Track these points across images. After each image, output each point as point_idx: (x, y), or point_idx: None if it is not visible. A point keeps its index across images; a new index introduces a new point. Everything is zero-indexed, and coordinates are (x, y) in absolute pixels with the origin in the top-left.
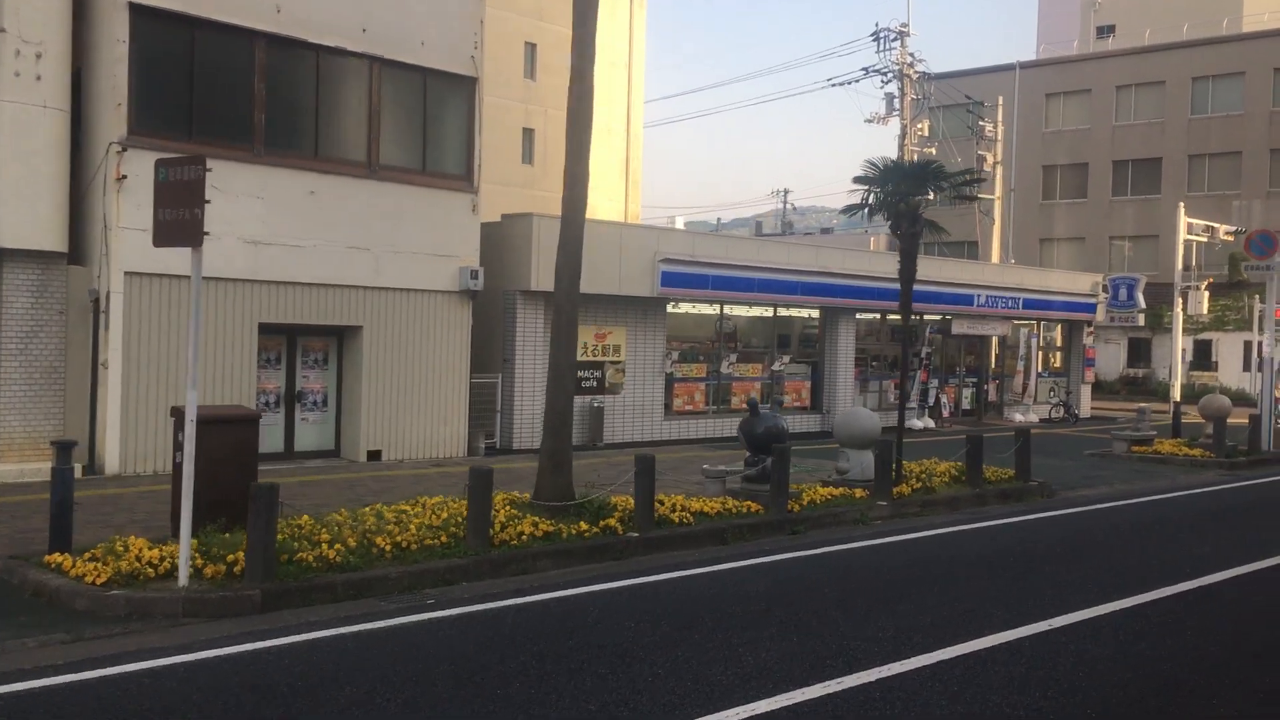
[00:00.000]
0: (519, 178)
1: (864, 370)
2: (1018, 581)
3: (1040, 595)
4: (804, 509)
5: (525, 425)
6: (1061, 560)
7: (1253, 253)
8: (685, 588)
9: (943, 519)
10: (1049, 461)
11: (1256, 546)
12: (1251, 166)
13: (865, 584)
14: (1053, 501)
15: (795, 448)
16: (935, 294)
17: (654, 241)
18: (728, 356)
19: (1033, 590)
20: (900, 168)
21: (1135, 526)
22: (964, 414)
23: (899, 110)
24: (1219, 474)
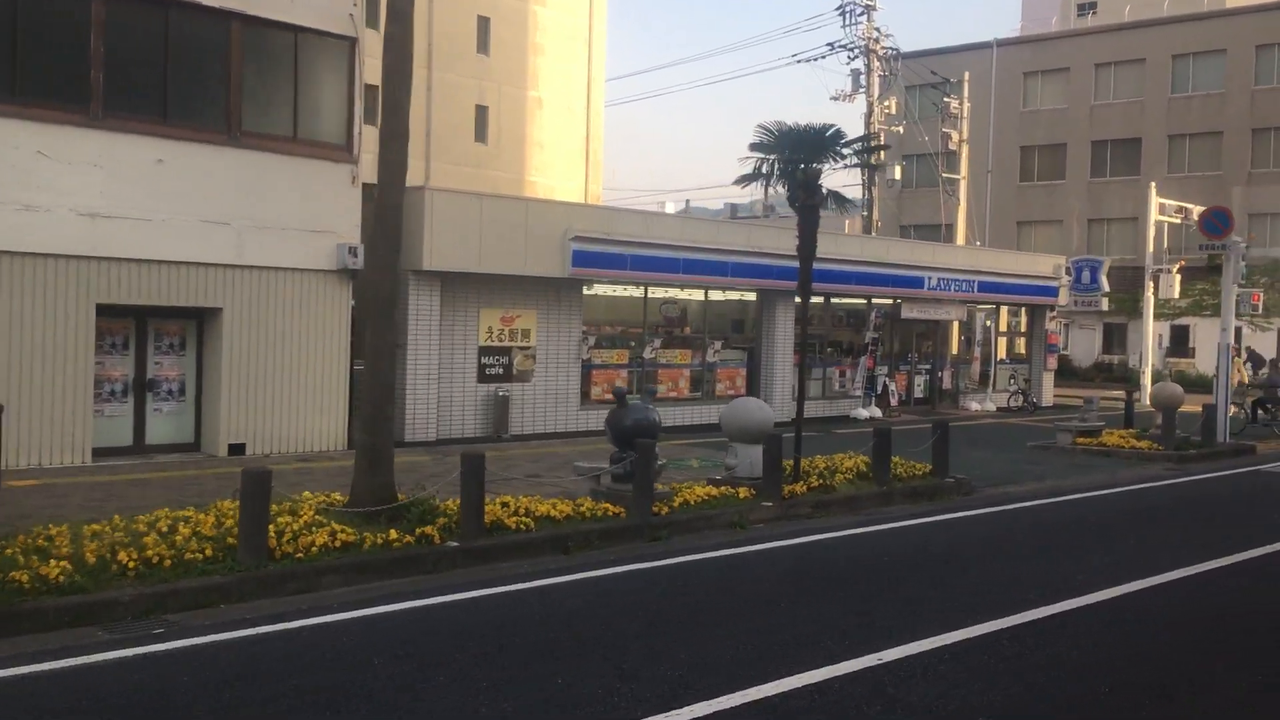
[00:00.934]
0: (472, 157)
1: (806, 356)
2: (868, 601)
3: (882, 623)
4: (673, 512)
5: (420, 415)
6: (936, 574)
7: (1206, 231)
8: (479, 610)
9: (835, 521)
10: (983, 455)
11: (1166, 556)
12: (1233, 147)
13: (692, 605)
14: (969, 500)
15: (703, 441)
16: (882, 276)
17: (565, 218)
18: (651, 342)
19: (880, 615)
20: (795, 132)
21: (1044, 530)
22: (917, 403)
23: (865, 87)
24: (1165, 468)
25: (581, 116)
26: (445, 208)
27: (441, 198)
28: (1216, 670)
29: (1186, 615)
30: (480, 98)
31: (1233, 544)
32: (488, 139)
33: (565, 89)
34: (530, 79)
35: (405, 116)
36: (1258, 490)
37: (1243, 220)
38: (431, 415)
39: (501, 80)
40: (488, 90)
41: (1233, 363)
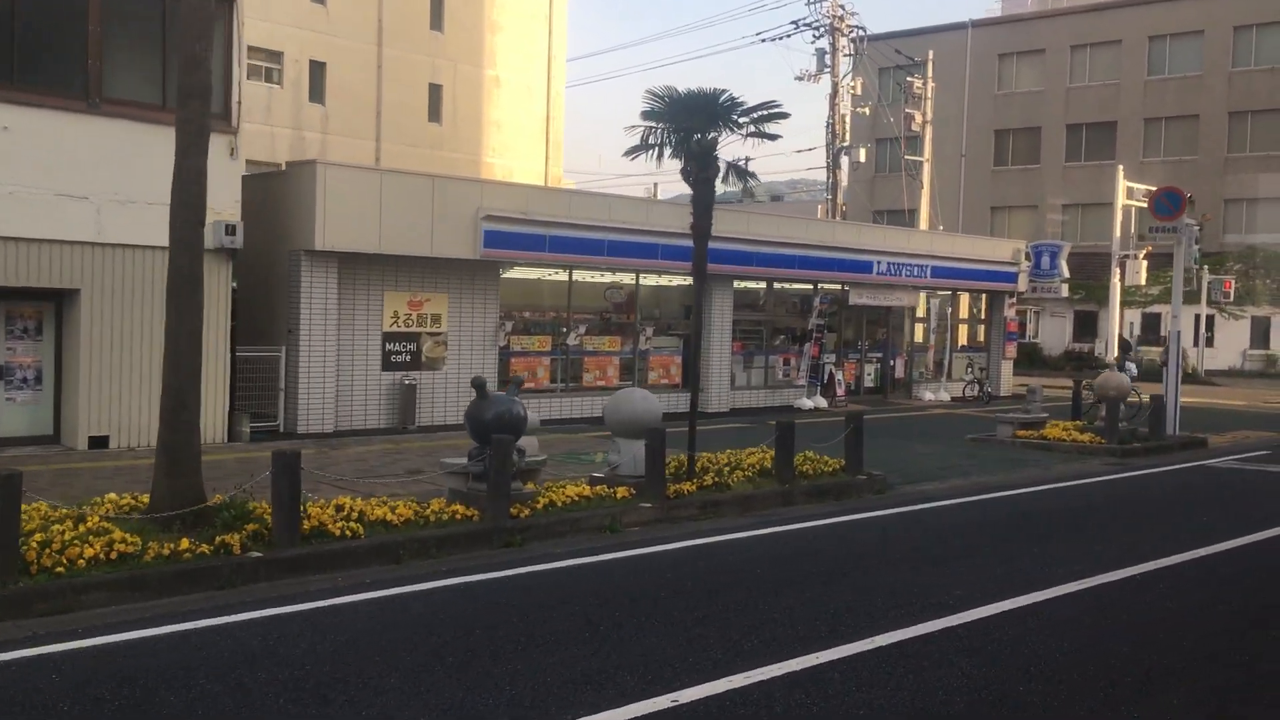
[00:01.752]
0: (425, 138)
1: (748, 344)
2: (703, 625)
3: (707, 650)
4: (535, 515)
5: (315, 405)
6: (803, 587)
7: (1157, 213)
8: (244, 636)
9: (722, 524)
10: (917, 448)
11: (1064, 567)
12: (1209, 130)
13: (494, 629)
14: (880, 500)
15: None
16: (827, 260)
17: (476, 196)
18: (576, 328)
19: (710, 642)
20: (685, 99)
21: (944, 535)
22: (868, 392)
23: (830, 67)
24: (1105, 463)
25: (541, 97)
26: (341, 184)
27: (336, 173)
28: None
29: (1055, 644)
30: (434, 76)
31: (1146, 550)
32: (442, 119)
33: (525, 68)
34: (487, 57)
35: (206, 73)
36: (1194, 487)
37: (1219, 206)
38: (328, 406)
39: (457, 58)
40: (442, 69)
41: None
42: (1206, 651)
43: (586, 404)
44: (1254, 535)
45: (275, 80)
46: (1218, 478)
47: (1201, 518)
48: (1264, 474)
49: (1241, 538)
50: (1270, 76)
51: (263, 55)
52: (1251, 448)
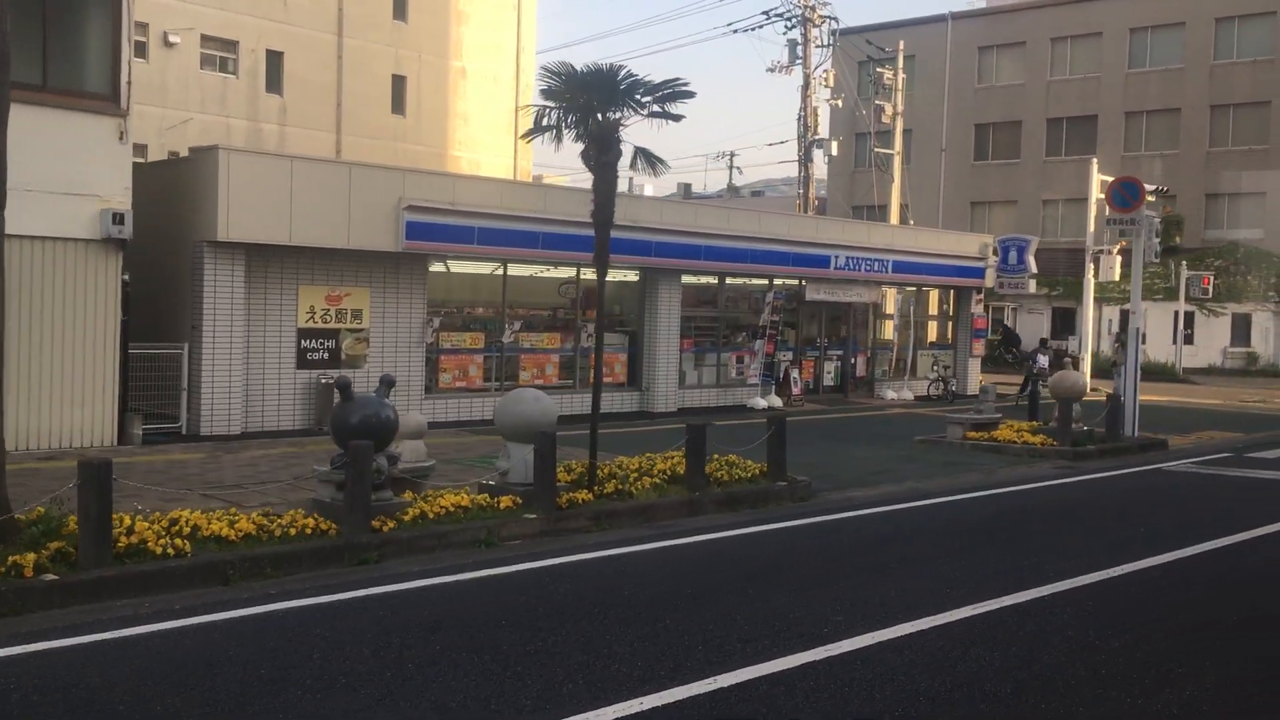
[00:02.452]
0: (388, 130)
1: (701, 342)
2: (524, 663)
3: (521, 693)
4: (402, 527)
5: (220, 406)
6: (660, 614)
7: (1115, 204)
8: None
9: (614, 536)
10: (859, 451)
11: (966, 589)
12: (1191, 124)
13: (296, 670)
14: (800, 508)
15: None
16: (781, 254)
17: (398, 185)
18: (511, 324)
19: (534, 676)
20: (582, 77)
21: (853, 549)
22: (827, 391)
23: (801, 59)
24: (1055, 466)
25: (510, 88)
26: (246, 171)
27: (241, 159)
28: None
29: (923, 683)
30: (397, 67)
31: (1066, 568)
32: (406, 111)
33: (492, 59)
34: (453, 48)
35: (3, 39)
36: (1142, 493)
37: (1200, 201)
38: (235, 406)
39: (421, 49)
40: (406, 59)
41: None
42: (1094, 695)
43: None
44: (1186, 550)
45: (230, 70)
46: (1170, 482)
47: (1139, 527)
48: (1219, 478)
49: (1172, 552)
50: (1252, 69)
51: (217, 44)
52: (1214, 449)
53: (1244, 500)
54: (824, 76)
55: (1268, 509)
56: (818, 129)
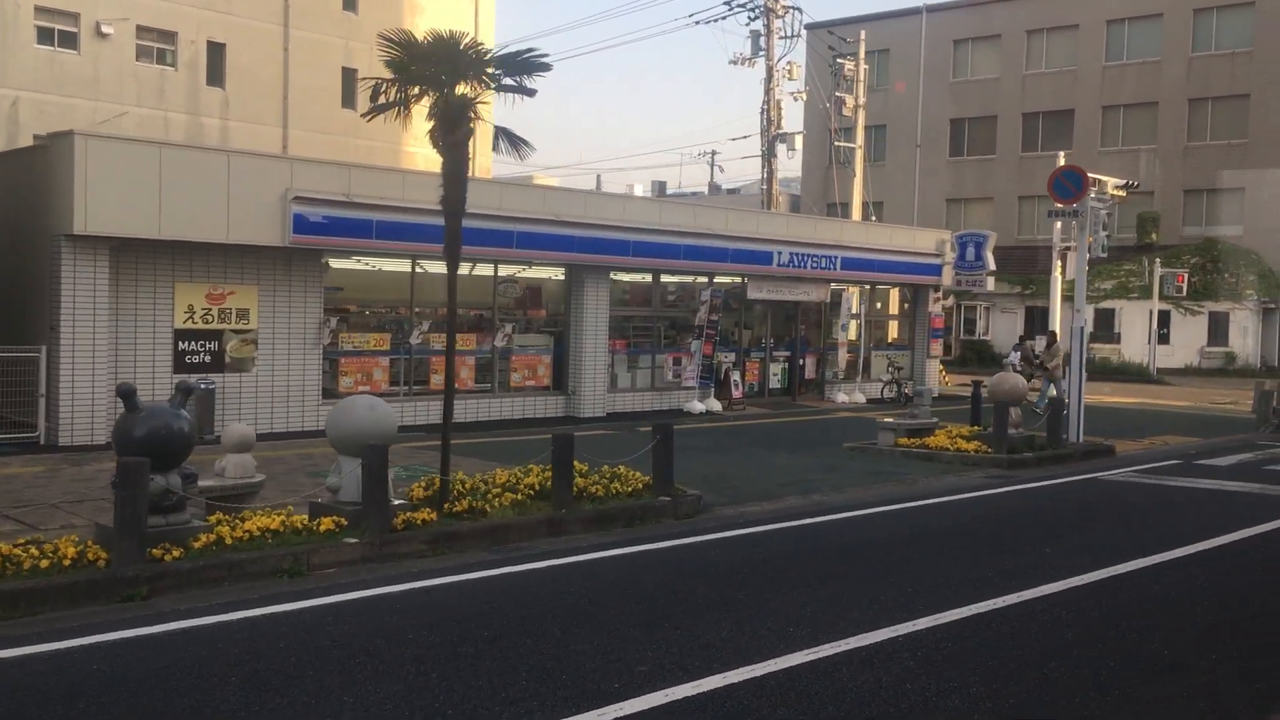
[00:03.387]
0: (339, 124)
1: (636, 343)
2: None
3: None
4: (189, 556)
5: (82, 413)
6: (435, 664)
7: (1057, 194)
8: None
9: (453, 562)
10: (776, 459)
11: (801, 630)
12: (1168, 118)
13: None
14: (682, 525)
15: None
16: (719, 250)
17: (284, 175)
18: (419, 325)
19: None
20: (424, 49)
21: (711, 578)
22: (773, 394)
23: (764, 50)
24: (987, 475)
25: None
26: (108, 159)
27: (101, 146)
28: None
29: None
30: (348, 59)
31: (942, 599)
32: (357, 105)
33: None
34: None
35: None
36: (1069, 506)
37: (1178, 197)
38: (100, 413)
39: (374, 41)
40: (357, 51)
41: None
42: None
43: (435, 409)
44: (1088, 575)
45: (168, 62)
46: (1104, 493)
47: (1046, 548)
48: (1160, 488)
49: (1072, 579)
50: (1230, 61)
51: (154, 35)
52: (1165, 455)
53: (1174, 514)
54: (787, 69)
55: (1196, 524)
56: (781, 123)
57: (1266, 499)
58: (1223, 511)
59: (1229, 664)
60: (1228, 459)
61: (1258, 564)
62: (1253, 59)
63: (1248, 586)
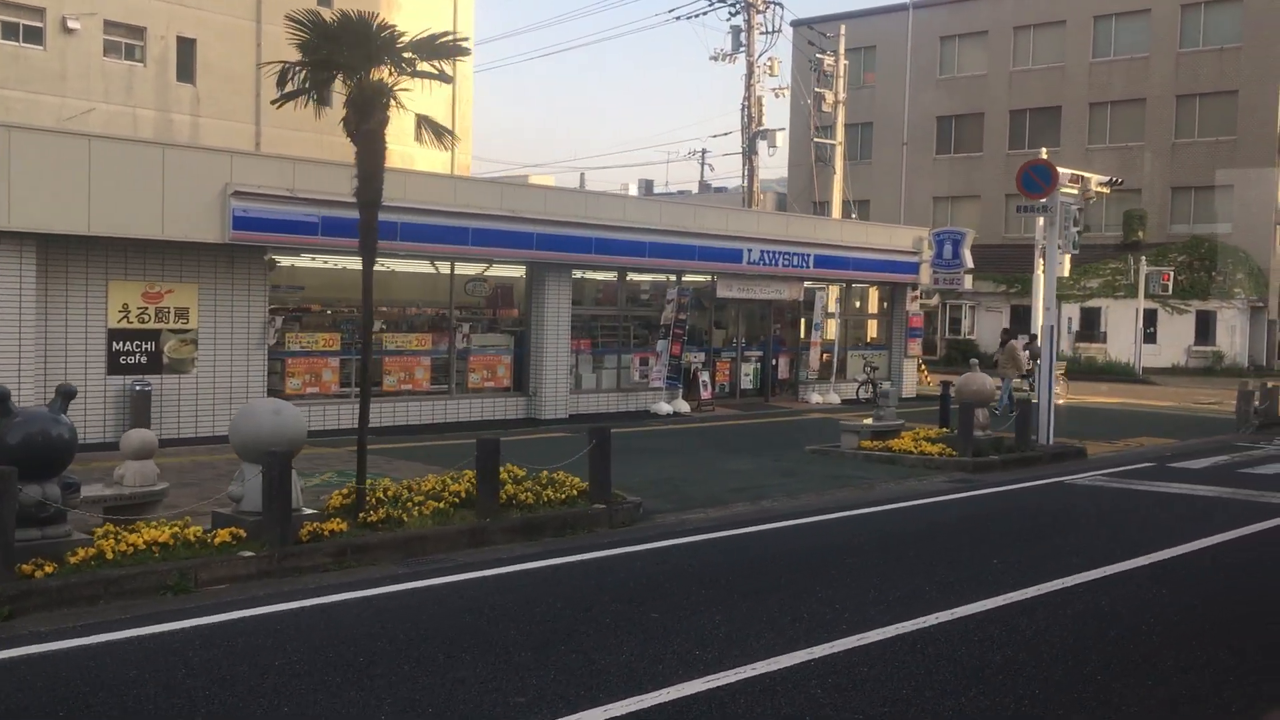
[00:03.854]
0: (313, 121)
1: (602, 342)
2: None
3: None
4: (63, 572)
5: None
6: (270, 703)
7: (1025, 189)
8: None
9: (357, 576)
10: (732, 463)
11: (673, 667)
12: (1156, 115)
13: None
14: (616, 535)
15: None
16: (687, 247)
17: (223, 169)
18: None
19: None
20: (332, 30)
21: (624, 596)
22: (744, 394)
23: (745, 46)
24: (948, 480)
25: None
26: (32, 151)
27: (26, 138)
28: None
29: None
30: None
31: (849, 624)
32: (332, 101)
33: None
34: None
35: None
36: (1027, 514)
37: (1165, 194)
38: None
39: None
40: None
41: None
42: None
43: (388, 411)
44: (1020, 592)
45: (137, 58)
46: (1067, 499)
47: (994, 559)
48: (1126, 493)
49: (1000, 596)
50: (1218, 57)
51: (122, 30)
52: (1139, 458)
53: (1136, 522)
54: (768, 64)
55: (1158, 532)
56: (763, 120)
57: (1236, 504)
58: (1188, 518)
59: (1168, 691)
60: (1203, 461)
61: (1216, 575)
62: (1241, 54)
63: (1203, 601)
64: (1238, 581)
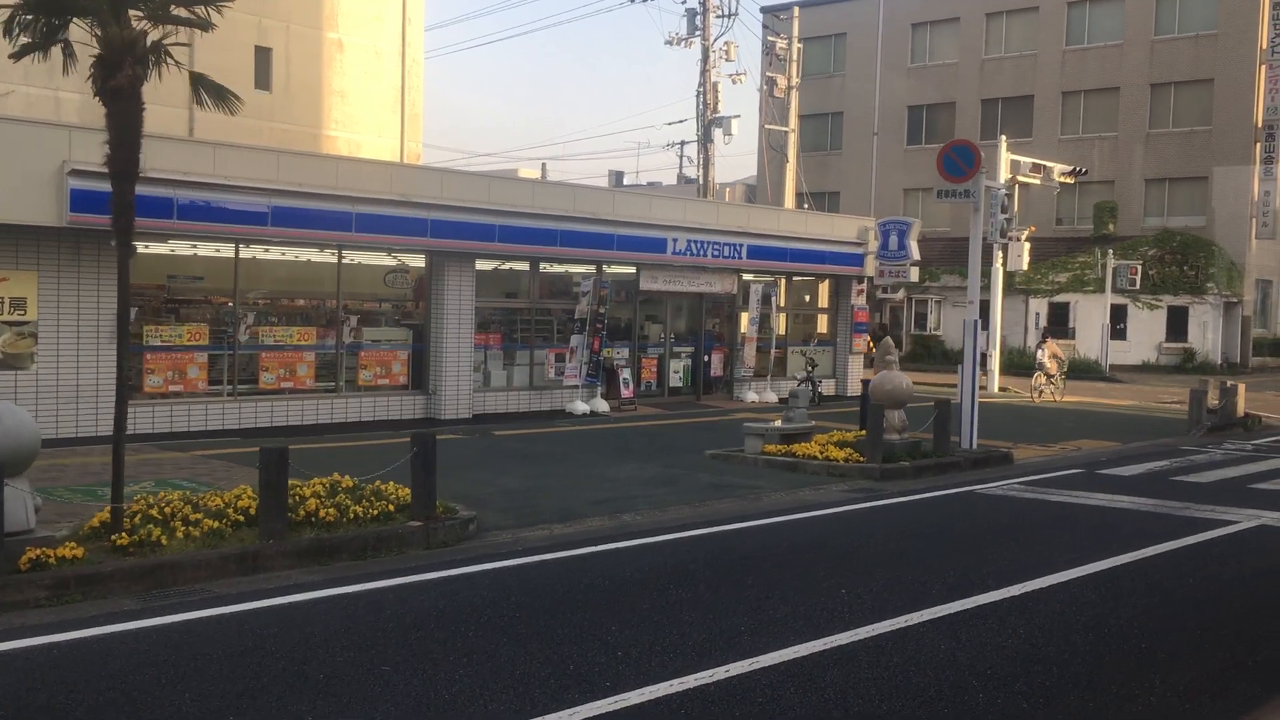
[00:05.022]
0: (252, 107)
1: (526, 337)
2: None
3: None
4: None
5: None
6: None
7: (946, 171)
8: None
9: (75, 615)
10: (617, 470)
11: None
12: (1130, 104)
13: None
14: (433, 556)
15: (209, 451)
16: (602, 236)
17: (61, 145)
18: (245, 318)
19: None
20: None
21: (366, 641)
22: (674, 393)
23: (701, 30)
24: (849, 489)
25: (396, 63)
26: None
27: None
28: None
29: None
30: (262, 38)
31: (656, 665)
32: (272, 86)
33: (375, 31)
34: (328, 18)
35: None
36: (917, 530)
37: (1139, 186)
38: None
39: (290, 18)
40: (272, 30)
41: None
42: None
43: (264, 411)
44: (864, 629)
45: None
46: (971, 512)
47: (842, 589)
48: (1036, 504)
49: (844, 633)
50: (1194, 45)
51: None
52: (1070, 463)
53: (1033, 539)
54: (725, 49)
55: (1052, 552)
56: (718, 107)
57: (1153, 518)
58: (1095, 535)
59: None
60: (1138, 467)
61: (1089, 610)
62: (1217, 41)
63: (1063, 646)
64: (1073, 639)
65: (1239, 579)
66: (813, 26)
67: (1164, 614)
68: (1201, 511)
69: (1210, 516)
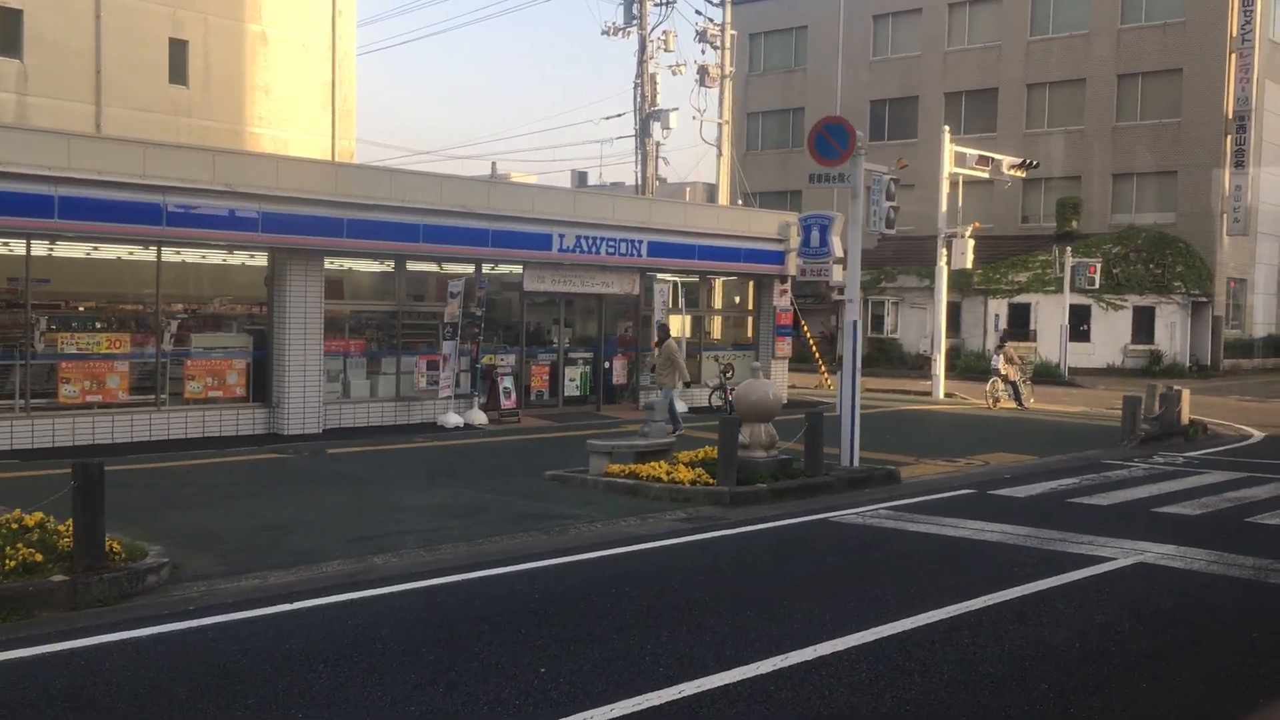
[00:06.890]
0: (166, 102)
1: (393, 344)
2: None
3: None
4: None
5: None
6: None
7: (818, 153)
8: None
9: None
10: (427, 496)
11: None
12: (1096, 96)
13: None
14: (73, 621)
15: None
16: (475, 231)
17: None
18: (37, 325)
19: None
20: None
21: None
22: (570, 402)
23: (638, 19)
24: (685, 518)
25: (325, 58)
26: None
27: None
28: None
29: None
30: (177, 30)
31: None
32: (189, 80)
33: (301, 24)
34: (249, 10)
35: None
36: (735, 572)
37: (1106, 181)
38: None
39: (207, 10)
40: (187, 21)
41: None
42: None
43: (65, 428)
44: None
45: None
46: (814, 546)
47: (540, 669)
48: (896, 535)
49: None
50: (1162, 34)
51: None
52: (965, 483)
53: (846, 586)
54: (663, 39)
55: (849, 605)
56: (656, 99)
57: (1015, 554)
58: (932, 579)
59: None
60: (1038, 487)
61: (841, 697)
62: (1185, 30)
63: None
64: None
65: (1069, 645)
66: (774, 19)
67: (941, 703)
68: (1078, 545)
69: (1083, 552)
